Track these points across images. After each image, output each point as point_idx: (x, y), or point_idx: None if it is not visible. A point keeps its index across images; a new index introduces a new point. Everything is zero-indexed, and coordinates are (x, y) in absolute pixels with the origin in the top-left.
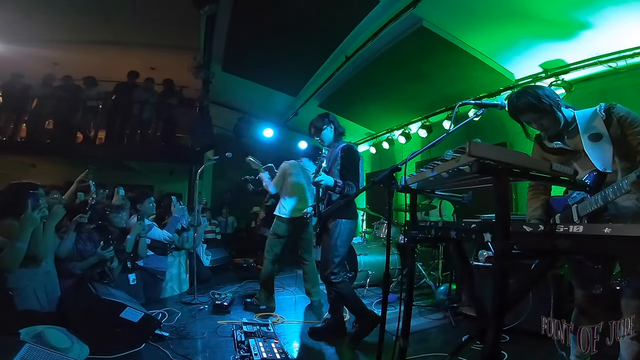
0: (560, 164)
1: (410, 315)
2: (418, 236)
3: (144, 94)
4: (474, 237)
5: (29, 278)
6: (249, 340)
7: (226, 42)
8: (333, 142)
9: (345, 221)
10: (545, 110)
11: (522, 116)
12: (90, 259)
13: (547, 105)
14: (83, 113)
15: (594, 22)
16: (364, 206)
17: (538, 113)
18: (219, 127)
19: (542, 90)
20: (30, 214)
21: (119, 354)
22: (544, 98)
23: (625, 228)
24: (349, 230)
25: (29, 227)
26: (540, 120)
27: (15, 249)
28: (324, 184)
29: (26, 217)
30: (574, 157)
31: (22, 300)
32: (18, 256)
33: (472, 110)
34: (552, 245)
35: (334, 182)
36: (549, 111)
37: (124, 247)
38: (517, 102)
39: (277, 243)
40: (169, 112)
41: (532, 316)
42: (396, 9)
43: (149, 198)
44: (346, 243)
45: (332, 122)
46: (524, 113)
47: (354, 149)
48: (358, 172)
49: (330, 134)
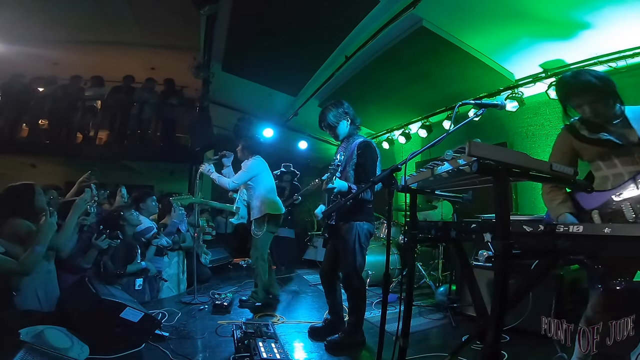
0: (599, 157)
1: (410, 315)
2: (418, 236)
3: (144, 94)
4: (474, 237)
5: (31, 277)
6: (248, 340)
7: (226, 42)
8: (347, 137)
9: (361, 223)
10: (606, 93)
11: (575, 98)
12: (90, 252)
13: (609, 88)
14: (83, 113)
15: (593, 22)
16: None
17: (596, 95)
18: (219, 127)
19: (601, 72)
20: (50, 220)
21: (119, 354)
22: (607, 80)
23: (625, 228)
24: (366, 232)
25: (49, 232)
26: (596, 104)
27: (36, 253)
28: (337, 190)
29: (47, 222)
30: (617, 152)
31: (23, 300)
32: (38, 260)
33: (472, 110)
34: (552, 245)
35: (348, 187)
36: (609, 95)
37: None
38: (573, 81)
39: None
40: (169, 112)
41: (532, 316)
42: (396, 9)
43: (151, 197)
44: (364, 245)
45: (348, 114)
46: (579, 94)
47: (373, 146)
48: (375, 172)
49: (346, 128)
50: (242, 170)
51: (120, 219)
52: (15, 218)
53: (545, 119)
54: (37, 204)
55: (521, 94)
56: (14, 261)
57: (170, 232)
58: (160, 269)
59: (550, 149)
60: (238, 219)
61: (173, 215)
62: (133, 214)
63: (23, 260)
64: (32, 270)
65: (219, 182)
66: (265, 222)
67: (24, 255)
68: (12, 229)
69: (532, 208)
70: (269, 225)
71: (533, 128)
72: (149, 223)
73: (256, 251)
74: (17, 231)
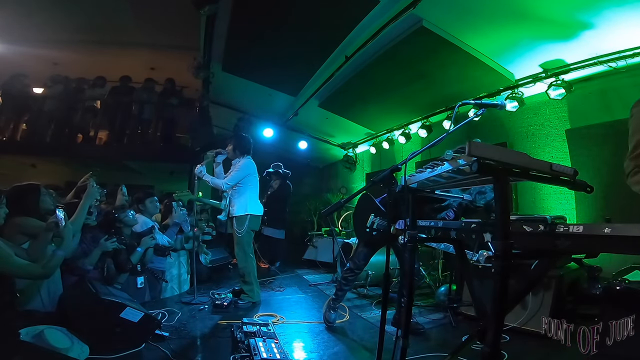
0: None
1: (410, 316)
2: (418, 236)
3: (144, 94)
4: (474, 237)
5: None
6: (248, 340)
7: (226, 42)
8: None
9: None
10: None
11: None
12: (94, 252)
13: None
14: (83, 113)
15: (594, 22)
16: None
17: None
18: (219, 127)
19: None
20: (69, 225)
21: (119, 354)
22: None
23: (625, 228)
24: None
25: (70, 236)
26: None
27: (58, 257)
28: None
29: (67, 227)
30: None
31: (26, 299)
32: (59, 263)
33: (472, 110)
34: (552, 245)
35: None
36: None
37: (131, 255)
38: None
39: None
40: (169, 112)
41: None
42: (396, 9)
43: (153, 197)
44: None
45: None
46: None
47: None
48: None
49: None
50: (235, 169)
51: (116, 221)
52: (21, 217)
53: (545, 119)
54: (43, 204)
55: (521, 94)
56: (37, 265)
57: (172, 232)
58: (164, 270)
59: (550, 148)
60: (226, 216)
61: (174, 215)
62: (128, 215)
63: (46, 264)
64: (53, 274)
65: (212, 184)
66: (247, 221)
67: (47, 259)
68: (19, 228)
69: (532, 208)
70: (250, 223)
71: (533, 128)
72: (150, 223)
73: (241, 250)
74: (24, 230)
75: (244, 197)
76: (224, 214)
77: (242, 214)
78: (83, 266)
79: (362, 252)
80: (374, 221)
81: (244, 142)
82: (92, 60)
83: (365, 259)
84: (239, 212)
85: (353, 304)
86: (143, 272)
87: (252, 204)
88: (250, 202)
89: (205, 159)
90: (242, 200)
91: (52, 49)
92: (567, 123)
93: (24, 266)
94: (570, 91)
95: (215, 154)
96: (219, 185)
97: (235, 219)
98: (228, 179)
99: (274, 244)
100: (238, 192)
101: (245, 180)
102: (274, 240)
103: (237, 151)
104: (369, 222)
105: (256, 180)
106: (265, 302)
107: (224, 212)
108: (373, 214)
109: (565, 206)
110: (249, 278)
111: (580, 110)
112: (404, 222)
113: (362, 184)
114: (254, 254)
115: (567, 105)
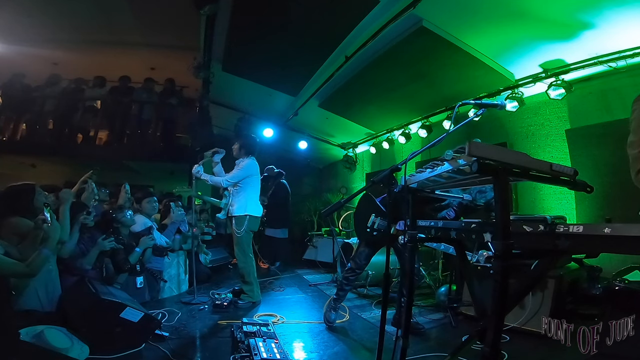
0: None
1: (410, 316)
2: (418, 236)
3: (144, 94)
4: (474, 237)
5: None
6: (248, 340)
7: (226, 42)
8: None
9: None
10: None
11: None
12: (92, 251)
13: None
14: (83, 113)
15: (594, 22)
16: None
17: None
18: (219, 127)
19: None
20: (56, 223)
21: (119, 354)
22: None
23: (625, 228)
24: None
25: (56, 236)
26: None
27: (43, 255)
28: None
29: (53, 226)
30: None
31: (23, 299)
32: (44, 262)
33: (472, 110)
34: (552, 245)
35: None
36: None
37: (129, 255)
38: None
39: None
40: (169, 112)
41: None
42: (396, 9)
43: (152, 197)
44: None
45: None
46: None
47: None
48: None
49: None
50: (237, 168)
51: (113, 221)
52: (15, 217)
53: (545, 119)
54: (37, 204)
55: (521, 94)
56: (21, 264)
57: (169, 232)
58: (161, 269)
59: (550, 148)
60: (225, 215)
61: (172, 215)
62: (126, 215)
63: (30, 262)
64: (38, 272)
65: (211, 182)
66: (245, 222)
67: (31, 258)
68: (13, 228)
69: (532, 208)
70: (249, 224)
71: (533, 128)
72: (149, 223)
73: (241, 250)
74: (18, 230)
75: (244, 198)
76: (223, 212)
77: (242, 214)
78: (81, 266)
79: (364, 252)
80: (374, 221)
81: (250, 142)
82: (92, 60)
83: (367, 259)
84: (239, 212)
85: (353, 304)
86: (142, 272)
87: (251, 204)
88: (250, 203)
89: (203, 158)
90: (242, 201)
91: (51, 49)
92: (567, 123)
93: (9, 264)
94: (570, 91)
95: (212, 154)
96: (219, 183)
97: (235, 219)
98: (229, 176)
99: (275, 245)
100: (239, 192)
101: (247, 180)
102: (275, 241)
103: (243, 150)
104: (370, 222)
105: (258, 181)
106: (265, 302)
107: (223, 210)
108: (374, 214)
109: (565, 206)
110: (249, 278)
111: (580, 110)
112: (404, 223)
113: (362, 184)
114: (254, 254)
115: (567, 105)
